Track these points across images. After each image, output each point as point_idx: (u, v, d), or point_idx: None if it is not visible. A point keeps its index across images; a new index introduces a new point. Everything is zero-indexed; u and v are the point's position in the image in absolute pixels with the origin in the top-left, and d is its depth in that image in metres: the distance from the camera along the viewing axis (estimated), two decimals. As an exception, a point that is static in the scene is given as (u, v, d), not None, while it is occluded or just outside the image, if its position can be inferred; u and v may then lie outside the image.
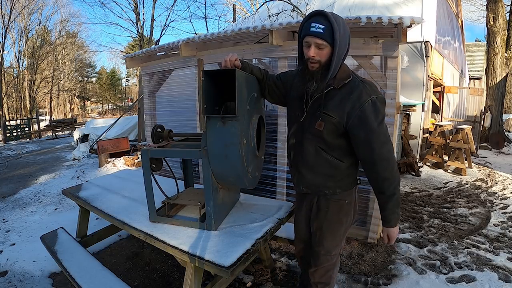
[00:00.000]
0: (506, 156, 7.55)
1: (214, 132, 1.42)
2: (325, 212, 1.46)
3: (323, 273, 1.54)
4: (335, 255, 1.53)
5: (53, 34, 25.13)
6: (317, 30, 1.21)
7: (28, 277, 2.38)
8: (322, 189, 1.43)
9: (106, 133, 8.41)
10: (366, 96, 1.27)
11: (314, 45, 1.25)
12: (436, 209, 3.76)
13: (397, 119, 2.48)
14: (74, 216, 2.69)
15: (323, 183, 1.42)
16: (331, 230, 1.47)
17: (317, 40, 1.23)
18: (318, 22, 1.21)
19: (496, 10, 8.85)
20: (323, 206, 1.46)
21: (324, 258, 1.50)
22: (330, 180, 1.41)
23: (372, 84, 1.34)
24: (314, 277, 1.55)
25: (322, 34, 1.21)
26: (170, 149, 1.67)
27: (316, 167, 1.40)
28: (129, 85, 41.76)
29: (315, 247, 1.52)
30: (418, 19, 2.09)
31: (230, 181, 1.55)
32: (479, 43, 16.82)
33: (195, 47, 3.27)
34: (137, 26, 15.10)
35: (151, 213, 1.70)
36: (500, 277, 2.25)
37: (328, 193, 1.43)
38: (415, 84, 5.65)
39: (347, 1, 6.70)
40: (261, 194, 2.61)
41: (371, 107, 1.26)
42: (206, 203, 1.54)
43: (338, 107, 1.29)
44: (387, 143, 1.29)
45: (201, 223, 1.61)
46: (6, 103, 20.85)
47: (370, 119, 1.26)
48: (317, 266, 1.52)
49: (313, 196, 1.49)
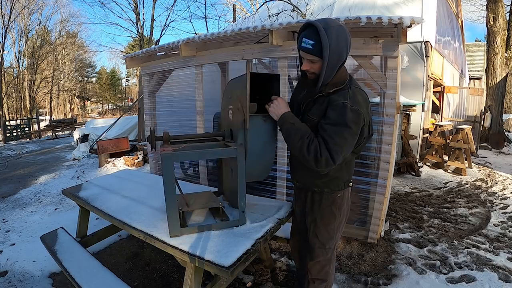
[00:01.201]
0: (506, 156, 7.55)
1: (255, 130, 1.50)
2: (318, 205, 1.52)
3: (320, 269, 1.59)
4: (330, 249, 1.57)
5: (53, 34, 25.18)
6: (306, 46, 1.29)
7: (28, 277, 2.38)
8: (311, 187, 1.52)
9: (106, 133, 8.40)
10: (342, 99, 1.30)
11: (306, 60, 1.33)
12: (436, 209, 3.76)
13: (397, 119, 2.48)
14: (74, 216, 2.69)
15: (312, 181, 1.50)
16: (324, 222, 1.53)
17: (307, 56, 1.31)
18: (308, 38, 1.27)
19: (496, 10, 8.85)
20: (316, 199, 1.52)
21: (319, 251, 1.56)
22: (317, 179, 1.48)
23: (359, 94, 1.34)
24: (311, 273, 1.60)
25: (311, 50, 1.27)
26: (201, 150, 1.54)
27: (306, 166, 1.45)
28: (129, 85, 41.79)
29: (310, 240, 1.58)
30: (418, 19, 2.09)
31: (254, 176, 1.61)
32: (479, 43, 16.82)
33: (195, 47, 3.27)
34: (137, 26, 15.11)
35: (173, 226, 1.49)
36: (500, 277, 2.25)
37: (317, 191, 1.51)
38: (415, 84, 5.64)
39: (347, 1, 6.69)
40: (261, 194, 2.61)
41: (340, 108, 1.29)
42: (240, 199, 1.56)
43: (319, 109, 1.37)
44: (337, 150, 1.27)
45: (233, 221, 1.61)
46: (6, 103, 20.86)
47: (332, 114, 1.30)
48: (313, 259, 1.58)
49: (307, 190, 1.56)
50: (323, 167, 1.29)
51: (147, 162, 6.40)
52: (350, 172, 1.53)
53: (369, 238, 2.70)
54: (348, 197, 1.57)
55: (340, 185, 1.49)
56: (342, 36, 1.27)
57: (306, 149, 1.30)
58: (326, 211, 1.51)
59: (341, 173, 1.48)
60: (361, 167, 2.70)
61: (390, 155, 2.49)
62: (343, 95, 1.31)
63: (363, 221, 2.75)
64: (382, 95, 2.47)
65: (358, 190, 2.68)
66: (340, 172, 1.47)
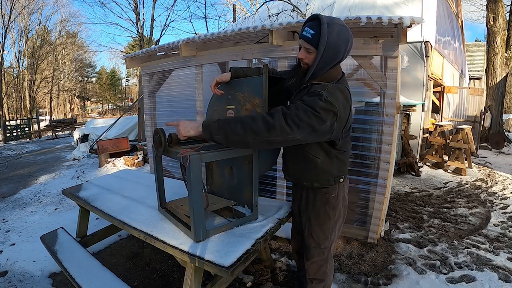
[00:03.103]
0: (506, 156, 7.55)
1: None
2: (312, 204, 1.52)
3: (317, 269, 1.59)
4: (325, 249, 1.57)
5: (53, 34, 25.18)
6: (306, 35, 1.29)
7: (28, 277, 2.38)
8: (301, 181, 1.53)
9: (106, 133, 8.40)
10: (320, 89, 1.28)
11: (303, 48, 1.33)
12: (436, 209, 3.76)
13: (397, 119, 2.48)
14: (74, 216, 2.69)
15: (301, 175, 1.51)
16: (318, 222, 1.53)
17: (305, 45, 1.31)
18: (311, 27, 1.28)
19: (496, 10, 8.85)
20: (311, 199, 1.53)
21: (314, 251, 1.56)
22: (306, 173, 1.49)
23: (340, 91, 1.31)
24: (309, 273, 1.61)
25: (309, 39, 1.28)
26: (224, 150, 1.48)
27: (296, 159, 1.51)
28: (129, 85, 41.79)
29: (306, 240, 1.59)
30: (418, 19, 2.09)
31: (262, 171, 1.67)
32: (479, 43, 16.83)
33: (195, 47, 3.27)
34: (137, 26, 15.11)
35: (199, 230, 1.43)
36: (500, 277, 2.25)
37: (306, 185, 1.51)
38: (415, 84, 5.64)
39: (347, 1, 6.69)
40: (261, 194, 2.60)
41: (314, 95, 1.26)
42: (254, 194, 1.60)
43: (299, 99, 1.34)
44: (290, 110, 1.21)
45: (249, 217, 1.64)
46: (6, 103, 20.86)
47: (306, 98, 1.27)
48: (309, 259, 1.59)
49: (302, 188, 1.57)
50: (277, 131, 1.19)
51: (147, 162, 6.40)
52: (342, 169, 1.49)
53: (369, 238, 2.70)
54: (344, 197, 1.55)
55: (330, 180, 1.46)
56: (343, 35, 1.28)
57: (251, 120, 1.21)
58: (320, 211, 1.51)
59: (330, 167, 1.45)
60: (361, 167, 2.70)
61: (390, 155, 2.49)
62: (322, 87, 1.31)
63: (363, 221, 2.75)
64: (382, 95, 2.47)
65: (358, 190, 2.68)
66: (329, 166, 1.44)
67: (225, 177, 1.79)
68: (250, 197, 1.64)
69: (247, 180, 1.63)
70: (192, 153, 1.34)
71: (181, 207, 1.64)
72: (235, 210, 1.69)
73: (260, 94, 1.50)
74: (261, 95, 1.50)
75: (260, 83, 1.50)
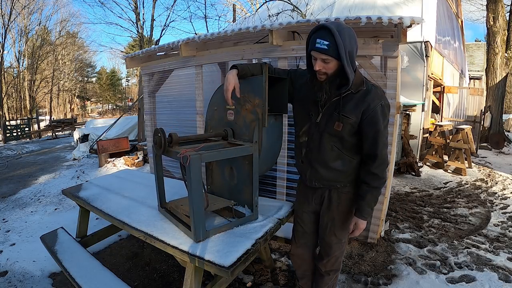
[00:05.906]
0: (506, 156, 7.55)
1: (269, 128, 1.58)
2: (337, 204, 1.57)
3: (334, 261, 1.68)
4: (345, 242, 1.66)
5: (53, 34, 25.18)
6: (321, 47, 1.29)
7: (28, 277, 2.38)
8: (334, 184, 1.55)
9: (106, 133, 8.40)
10: (377, 101, 1.40)
11: (320, 60, 1.34)
12: (436, 209, 3.76)
13: (397, 119, 2.48)
14: (74, 216, 2.69)
15: (336, 178, 1.54)
16: (342, 220, 1.59)
17: (322, 56, 1.32)
18: (323, 38, 1.29)
19: (496, 10, 8.85)
20: (334, 199, 1.57)
21: (336, 247, 1.63)
22: (342, 175, 1.52)
23: (381, 90, 1.48)
24: (325, 267, 1.68)
25: (326, 50, 1.29)
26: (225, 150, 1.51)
27: (331, 163, 1.51)
28: (129, 85, 41.78)
29: (326, 238, 1.62)
30: (418, 19, 2.09)
31: (262, 170, 1.68)
32: (479, 43, 16.83)
33: (195, 47, 3.27)
34: (137, 26, 15.12)
35: (199, 230, 1.44)
36: (500, 277, 2.25)
37: (339, 187, 1.55)
38: (415, 84, 5.65)
39: (347, 1, 6.69)
40: (261, 194, 2.60)
41: (380, 110, 1.40)
42: (254, 195, 1.61)
43: (355, 109, 1.41)
44: (387, 146, 1.46)
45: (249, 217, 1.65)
46: (6, 103, 20.86)
47: (379, 120, 1.40)
48: (329, 256, 1.64)
49: (323, 190, 1.59)
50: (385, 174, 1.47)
51: (147, 162, 6.40)
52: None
53: (369, 238, 2.70)
54: None
55: (357, 178, 1.55)
56: (353, 38, 1.33)
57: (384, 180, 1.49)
58: (345, 210, 1.57)
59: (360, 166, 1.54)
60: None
61: (390, 155, 2.49)
62: (376, 95, 1.41)
63: (363, 221, 2.75)
64: (382, 95, 2.47)
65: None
66: (359, 165, 1.53)
67: (225, 177, 1.79)
68: (250, 197, 1.64)
69: (247, 180, 1.63)
70: (192, 153, 1.34)
71: (181, 207, 1.64)
72: (235, 210, 1.69)
73: (260, 94, 1.50)
74: (261, 95, 1.50)
75: (260, 83, 1.50)
